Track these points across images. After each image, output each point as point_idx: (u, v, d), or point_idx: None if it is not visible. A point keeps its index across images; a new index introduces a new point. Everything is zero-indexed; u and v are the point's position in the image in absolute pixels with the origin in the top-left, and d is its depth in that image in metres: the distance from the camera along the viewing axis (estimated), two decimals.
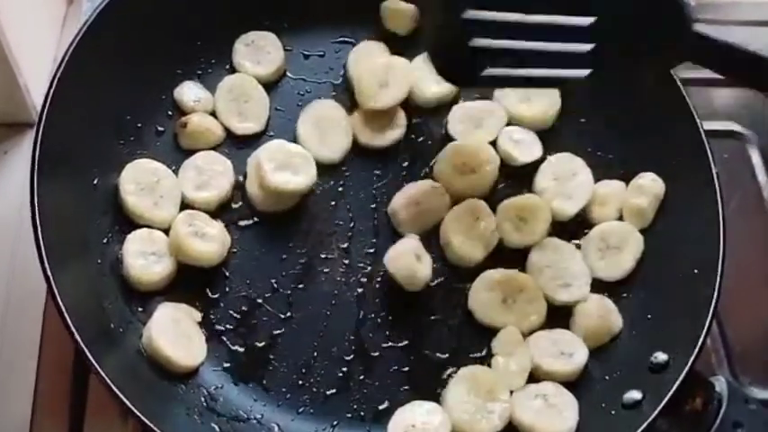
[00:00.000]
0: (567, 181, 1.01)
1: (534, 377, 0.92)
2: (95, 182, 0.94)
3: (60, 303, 0.81)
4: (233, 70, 1.04)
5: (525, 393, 0.90)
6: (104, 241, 0.92)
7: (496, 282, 0.95)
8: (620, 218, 1.00)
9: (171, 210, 0.94)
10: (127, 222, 0.94)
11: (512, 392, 0.90)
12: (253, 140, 1.02)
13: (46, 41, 1.12)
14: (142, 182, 0.94)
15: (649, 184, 0.99)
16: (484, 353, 0.94)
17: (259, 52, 1.05)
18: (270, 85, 1.05)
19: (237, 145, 1.01)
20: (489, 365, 0.92)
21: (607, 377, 0.92)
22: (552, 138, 1.04)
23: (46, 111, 0.88)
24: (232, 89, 1.02)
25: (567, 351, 0.92)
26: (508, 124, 1.04)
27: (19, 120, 1.06)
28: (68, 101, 0.90)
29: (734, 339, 1.05)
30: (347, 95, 1.05)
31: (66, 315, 0.80)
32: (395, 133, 1.03)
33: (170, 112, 1.01)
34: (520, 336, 0.93)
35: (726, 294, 0.90)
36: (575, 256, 0.97)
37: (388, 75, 1.02)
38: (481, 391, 0.89)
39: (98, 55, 0.93)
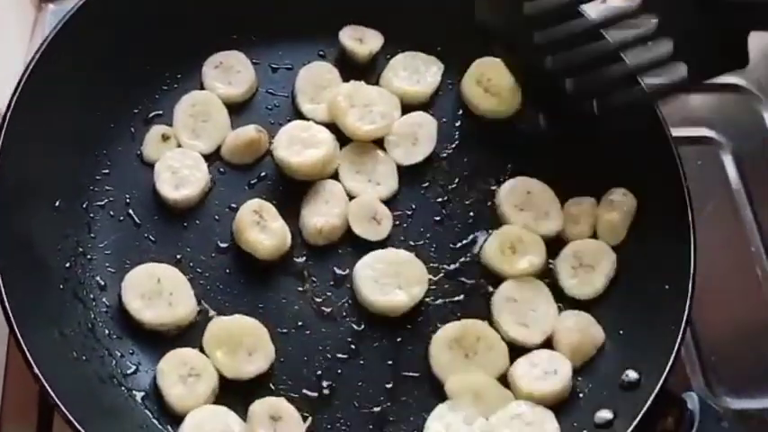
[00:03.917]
0: (531, 204, 0.99)
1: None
2: (57, 204, 0.92)
3: (17, 332, 0.79)
4: (203, 89, 1.02)
5: (501, 418, 0.88)
6: (67, 266, 0.90)
7: (453, 339, 0.92)
8: (594, 235, 0.99)
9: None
10: (92, 246, 0.92)
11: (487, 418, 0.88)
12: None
13: (12, 51, 1.09)
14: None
15: (620, 199, 0.98)
16: None
17: (228, 72, 1.03)
18: (240, 102, 1.03)
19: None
20: None
21: (579, 396, 0.91)
22: (520, 153, 1.03)
23: (4, 130, 0.87)
24: (195, 104, 1.01)
25: (549, 369, 0.90)
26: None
27: None
28: (28, 120, 0.89)
29: (708, 348, 1.04)
30: None
31: (23, 344, 0.79)
32: None
33: (133, 129, 1.00)
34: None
35: (699, 303, 0.89)
36: (546, 301, 0.95)
37: None
38: None
39: (58, 73, 0.92)
